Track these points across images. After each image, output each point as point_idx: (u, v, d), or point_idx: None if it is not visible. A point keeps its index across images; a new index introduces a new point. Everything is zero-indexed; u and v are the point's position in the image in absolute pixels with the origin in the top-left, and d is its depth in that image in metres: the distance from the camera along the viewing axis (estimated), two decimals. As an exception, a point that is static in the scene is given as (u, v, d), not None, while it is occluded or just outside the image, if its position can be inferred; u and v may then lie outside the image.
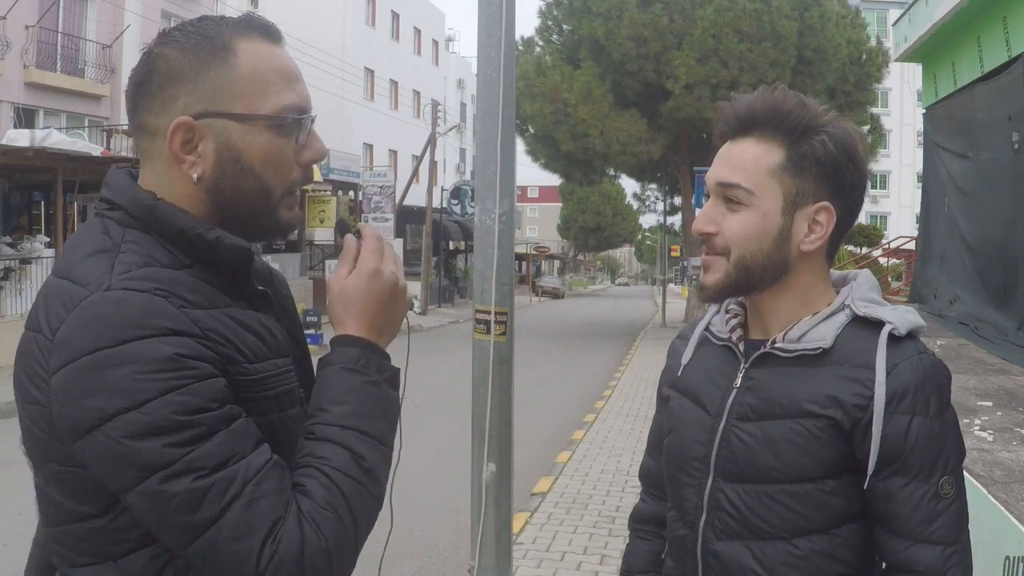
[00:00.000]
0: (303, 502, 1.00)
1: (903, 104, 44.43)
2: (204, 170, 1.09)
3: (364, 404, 1.09)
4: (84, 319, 0.96)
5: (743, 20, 18.83)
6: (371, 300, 1.14)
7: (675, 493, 1.42)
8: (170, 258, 1.06)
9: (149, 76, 1.09)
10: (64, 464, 1.01)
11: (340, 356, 1.11)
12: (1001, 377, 5.52)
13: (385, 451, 1.10)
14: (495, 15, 2.95)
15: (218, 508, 0.95)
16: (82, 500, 1.02)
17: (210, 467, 0.95)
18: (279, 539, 0.96)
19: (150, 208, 1.07)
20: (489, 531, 3.03)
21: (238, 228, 1.12)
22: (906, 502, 1.22)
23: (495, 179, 2.97)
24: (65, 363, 0.96)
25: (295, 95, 1.12)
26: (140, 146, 1.13)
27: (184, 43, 1.08)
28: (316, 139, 1.16)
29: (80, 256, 1.04)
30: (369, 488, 1.06)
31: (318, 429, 1.07)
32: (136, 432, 0.93)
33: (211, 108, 1.08)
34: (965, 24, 9.48)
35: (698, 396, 1.40)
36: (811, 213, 1.29)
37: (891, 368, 1.22)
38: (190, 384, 0.96)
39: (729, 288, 1.32)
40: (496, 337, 2.97)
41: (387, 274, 1.15)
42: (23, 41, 17.38)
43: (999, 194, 8.14)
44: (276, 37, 1.14)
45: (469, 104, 44.73)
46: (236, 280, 1.12)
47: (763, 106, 1.29)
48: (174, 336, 0.97)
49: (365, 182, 26.61)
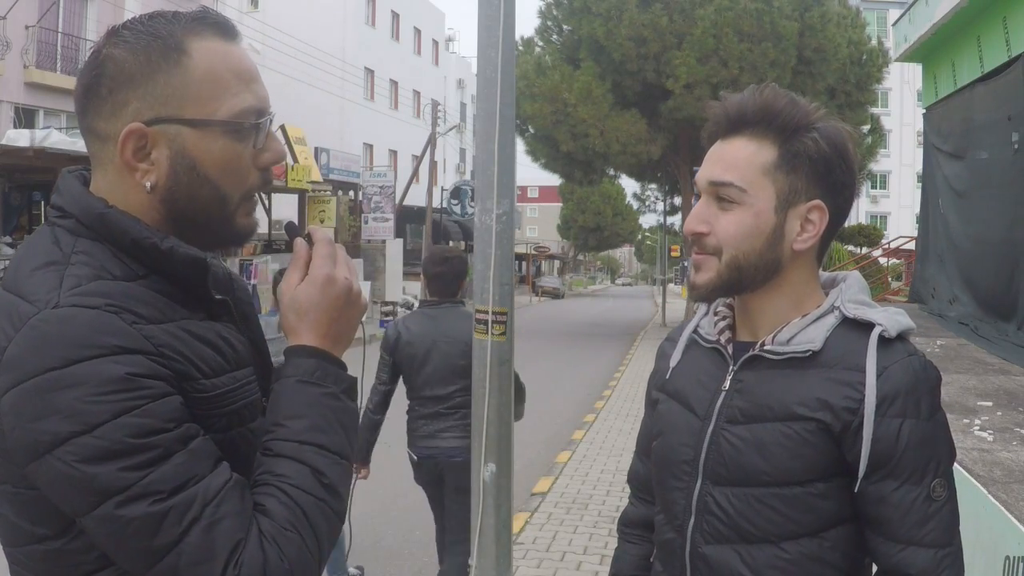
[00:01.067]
0: (263, 522, 0.97)
1: (903, 104, 44.41)
2: (158, 178, 1.04)
3: (322, 417, 1.05)
4: (31, 339, 0.92)
5: (743, 20, 18.82)
6: (325, 308, 1.09)
7: (663, 497, 1.41)
8: (123, 269, 1.02)
9: (98, 79, 1.04)
10: (18, 486, 0.97)
11: (295, 368, 1.07)
12: (1001, 377, 5.52)
13: (345, 465, 1.06)
14: (495, 15, 2.95)
15: (177, 532, 0.91)
16: (38, 522, 0.98)
17: (167, 490, 0.91)
18: (241, 563, 0.93)
19: (101, 216, 1.02)
20: (489, 531, 3.02)
21: (194, 236, 1.07)
22: (898, 505, 1.21)
23: (495, 179, 2.97)
24: (14, 384, 0.92)
25: (252, 97, 1.07)
26: (91, 151, 1.09)
27: (134, 43, 1.03)
28: (274, 141, 1.11)
29: (28, 269, 0.99)
30: (331, 504, 1.02)
31: (275, 445, 1.03)
32: (89, 456, 0.90)
33: (163, 114, 1.03)
34: (965, 24, 9.48)
35: (686, 399, 1.39)
36: (803, 212, 1.28)
37: (881, 371, 1.21)
38: (144, 404, 0.92)
39: (721, 288, 1.31)
40: (496, 337, 2.97)
41: (341, 280, 1.10)
42: (23, 41, 17.39)
43: (998, 194, 8.13)
44: (232, 34, 1.09)
45: (469, 104, 44.72)
46: (193, 290, 1.08)
47: (754, 105, 1.28)
48: (126, 355, 0.93)
49: (365, 182, 26.60)
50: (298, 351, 1.09)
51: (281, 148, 1.12)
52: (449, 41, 45.44)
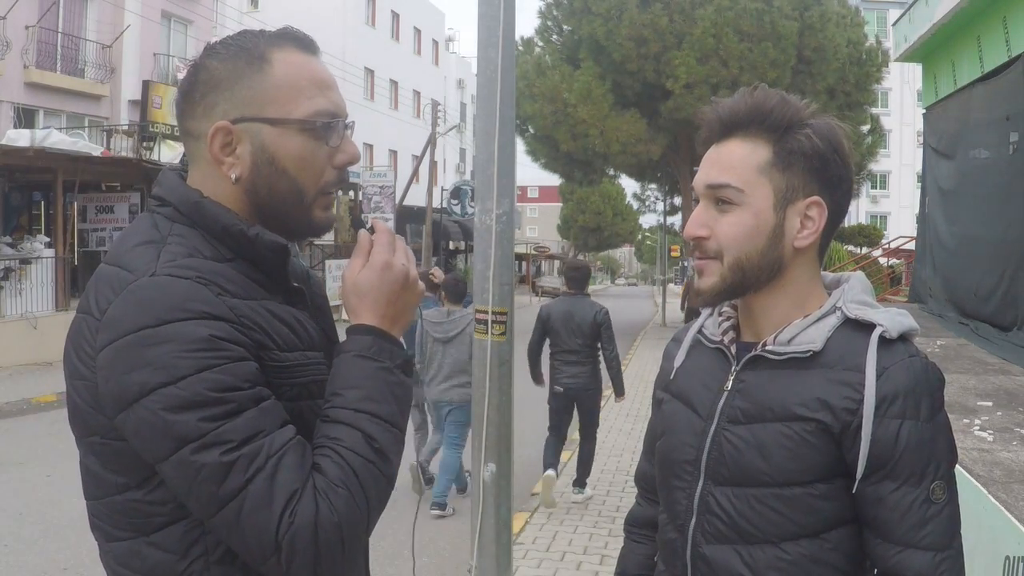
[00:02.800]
0: (318, 479, 1.05)
1: (903, 104, 44.40)
2: (242, 171, 1.17)
3: (376, 389, 1.14)
4: (130, 301, 1.04)
5: (743, 20, 18.81)
6: (383, 291, 1.20)
7: (666, 496, 1.42)
8: (213, 252, 1.13)
9: (193, 85, 1.18)
10: (105, 437, 1.08)
11: (354, 344, 1.18)
12: (1001, 377, 5.52)
13: (396, 433, 1.15)
14: (495, 15, 2.95)
15: (242, 480, 1.01)
16: (120, 472, 1.09)
17: (238, 441, 1.01)
18: (296, 512, 1.02)
19: (197, 205, 1.15)
20: (489, 531, 3.02)
21: (275, 227, 1.19)
22: (896, 507, 1.20)
23: (495, 179, 2.97)
24: (111, 340, 1.03)
25: (327, 101, 1.19)
26: (187, 149, 1.22)
27: (224, 55, 1.17)
28: (350, 143, 1.22)
29: (130, 245, 1.12)
30: (380, 467, 1.11)
31: (332, 412, 1.13)
32: (173, 405, 1.00)
33: (247, 113, 1.15)
34: (965, 24, 9.49)
35: (690, 399, 1.39)
36: (802, 208, 1.28)
37: (881, 371, 1.21)
38: (224, 364, 1.03)
39: (725, 291, 1.31)
40: (496, 337, 2.97)
41: (398, 266, 1.21)
42: (23, 41, 17.37)
43: (996, 194, 8.13)
44: (311, 48, 1.22)
45: (469, 104, 44.72)
46: (273, 275, 1.19)
47: (746, 106, 1.29)
48: (211, 320, 1.04)
49: (365, 182, 26.61)
50: (357, 329, 1.19)
51: (355, 150, 1.23)
52: (449, 41, 45.42)
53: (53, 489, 6.34)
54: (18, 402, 10.07)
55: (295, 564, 1.02)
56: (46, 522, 5.62)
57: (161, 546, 1.09)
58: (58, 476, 6.72)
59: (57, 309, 13.47)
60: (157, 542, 1.09)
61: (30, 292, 13.20)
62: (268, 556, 1.02)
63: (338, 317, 1.78)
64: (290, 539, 1.01)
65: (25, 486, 6.61)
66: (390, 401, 1.15)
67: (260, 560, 1.03)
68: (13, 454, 7.79)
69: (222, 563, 1.09)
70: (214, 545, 1.09)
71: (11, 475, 7.02)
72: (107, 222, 16.22)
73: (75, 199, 15.29)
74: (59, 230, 14.17)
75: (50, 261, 13.85)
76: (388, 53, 34.89)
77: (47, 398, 10.15)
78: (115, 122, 19.47)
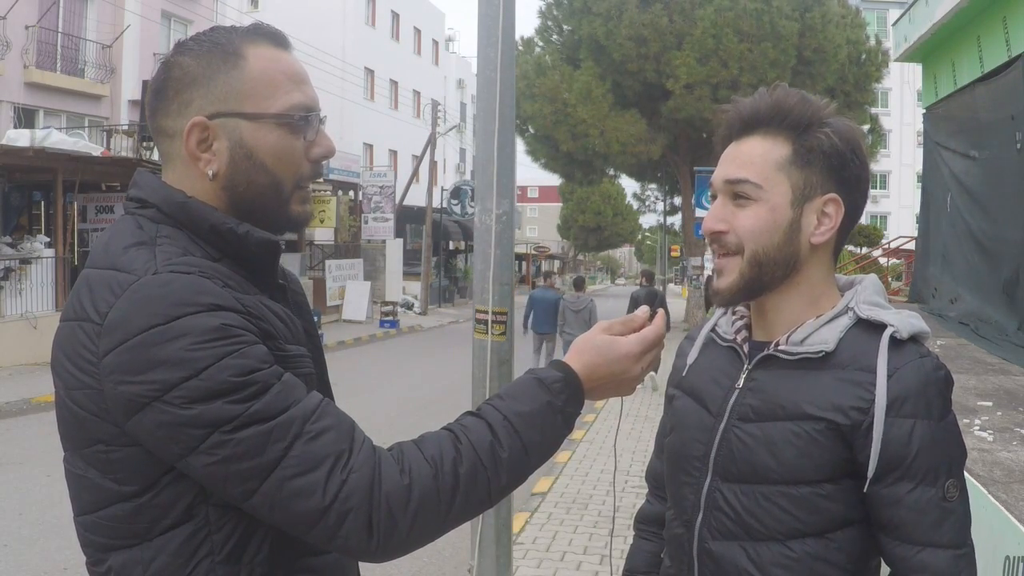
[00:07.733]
0: (407, 444, 1.06)
1: (903, 104, 44.40)
2: (219, 167, 1.15)
3: (535, 414, 1.14)
4: (135, 301, 1.02)
5: (743, 20, 18.81)
6: (608, 366, 1.21)
7: (674, 492, 1.42)
8: (201, 252, 1.12)
9: (166, 83, 1.16)
10: (111, 444, 1.06)
11: (546, 373, 1.19)
12: (1001, 377, 5.52)
13: (526, 460, 1.13)
14: (495, 15, 2.95)
15: (282, 447, 1.01)
16: (126, 480, 1.07)
17: (271, 415, 1.01)
18: (349, 469, 1.02)
19: (182, 205, 1.13)
20: (489, 531, 3.02)
21: (253, 222, 1.17)
22: (914, 507, 1.20)
23: (495, 179, 2.97)
24: (120, 343, 1.01)
25: (302, 95, 1.19)
26: (160, 149, 1.20)
27: (197, 51, 1.16)
28: (325, 137, 1.22)
29: (121, 247, 1.10)
30: (488, 474, 1.09)
31: (485, 408, 1.15)
32: (198, 397, 0.99)
33: (223, 109, 1.14)
34: (965, 24, 9.49)
35: (700, 396, 1.40)
36: (819, 205, 1.29)
37: (892, 372, 1.21)
38: (241, 348, 1.02)
39: (744, 290, 1.32)
40: (495, 337, 2.97)
41: (633, 369, 1.23)
42: (23, 41, 17.38)
43: (1005, 193, 8.14)
44: (284, 43, 1.22)
45: (469, 104, 44.72)
46: (260, 273, 1.19)
47: (766, 105, 1.30)
48: (220, 311, 1.03)
49: (365, 182, 26.60)
50: (561, 365, 1.21)
51: (330, 143, 1.23)
52: (449, 41, 45.41)
53: (53, 489, 6.33)
54: (18, 402, 10.08)
55: (346, 525, 1.01)
56: (46, 522, 5.62)
57: (166, 550, 1.07)
58: (58, 476, 6.66)
59: (57, 309, 13.46)
60: (160, 546, 1.07)
61: (30, 292, 13.20)
62: (316, 521, 1.01)
63: (336, 319, 1.78)
64: (343, 499, 1.00)
65: (25, 486, 6.60)
66: (539, 432, 1.14)
67: (308, 527, 1.02)
68: (13, 454, 7.79)
69: (228, 562, 1.08)
70: (220, 545, 1.08)
71: (11, 475, 7.02)
72: (107, 222, 16.18)
73: (75, 199, 15.28)
74: (59, 230, 14.17)
75: (50, 261, 13.85)
76: (388, 53, 34.89)
77: (47, 398, 10.14)
78: (115, 122, 19.47)
